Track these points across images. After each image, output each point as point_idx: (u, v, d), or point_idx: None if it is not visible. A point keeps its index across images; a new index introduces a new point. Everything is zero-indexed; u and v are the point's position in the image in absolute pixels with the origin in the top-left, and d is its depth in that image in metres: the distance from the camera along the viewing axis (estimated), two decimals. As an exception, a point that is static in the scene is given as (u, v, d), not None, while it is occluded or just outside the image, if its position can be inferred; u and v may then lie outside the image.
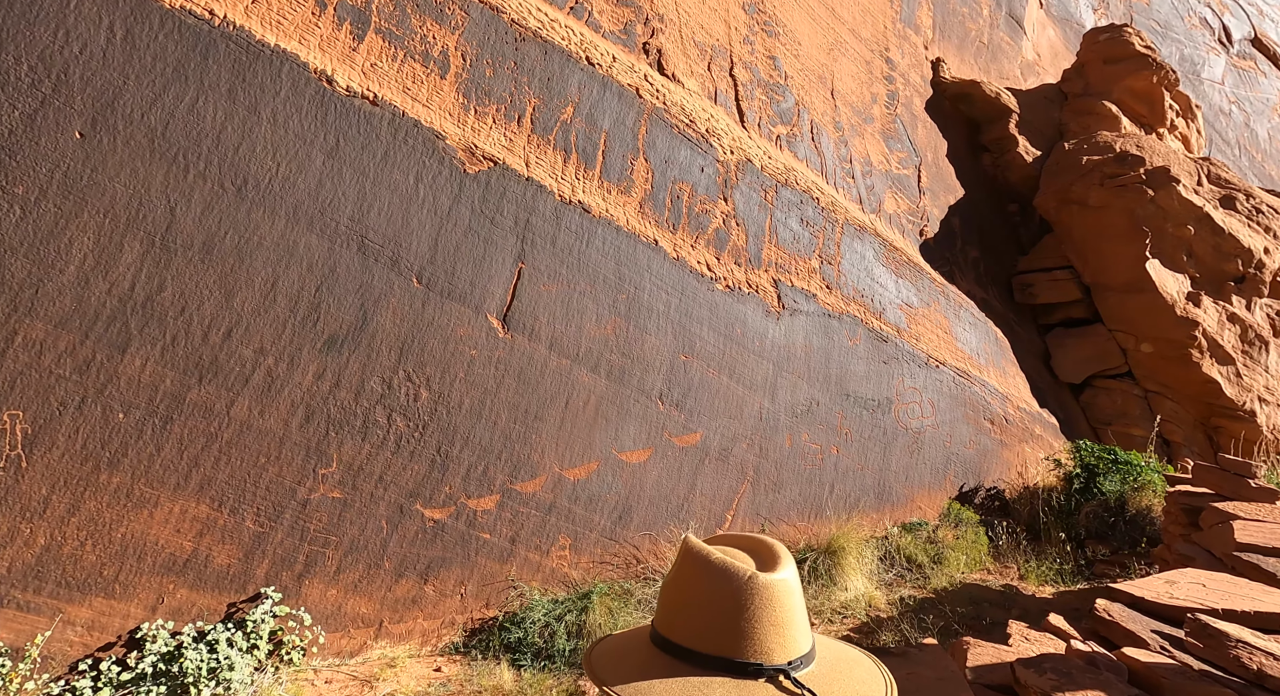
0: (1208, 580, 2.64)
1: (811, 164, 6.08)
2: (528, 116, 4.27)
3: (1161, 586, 2.59)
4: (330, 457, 3.34)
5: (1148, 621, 2.34)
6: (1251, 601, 2.40)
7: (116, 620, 2.88)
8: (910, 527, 5.01)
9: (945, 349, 6.06)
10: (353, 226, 3.54)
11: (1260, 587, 2.58)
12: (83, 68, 3.03)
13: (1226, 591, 2.50)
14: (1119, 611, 2.39)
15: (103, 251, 2.98)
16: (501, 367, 3.84)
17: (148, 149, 3.12)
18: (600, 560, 3.98)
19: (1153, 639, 2.19)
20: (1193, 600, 2.41)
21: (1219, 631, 2.03)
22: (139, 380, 2.98)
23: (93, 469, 2.87)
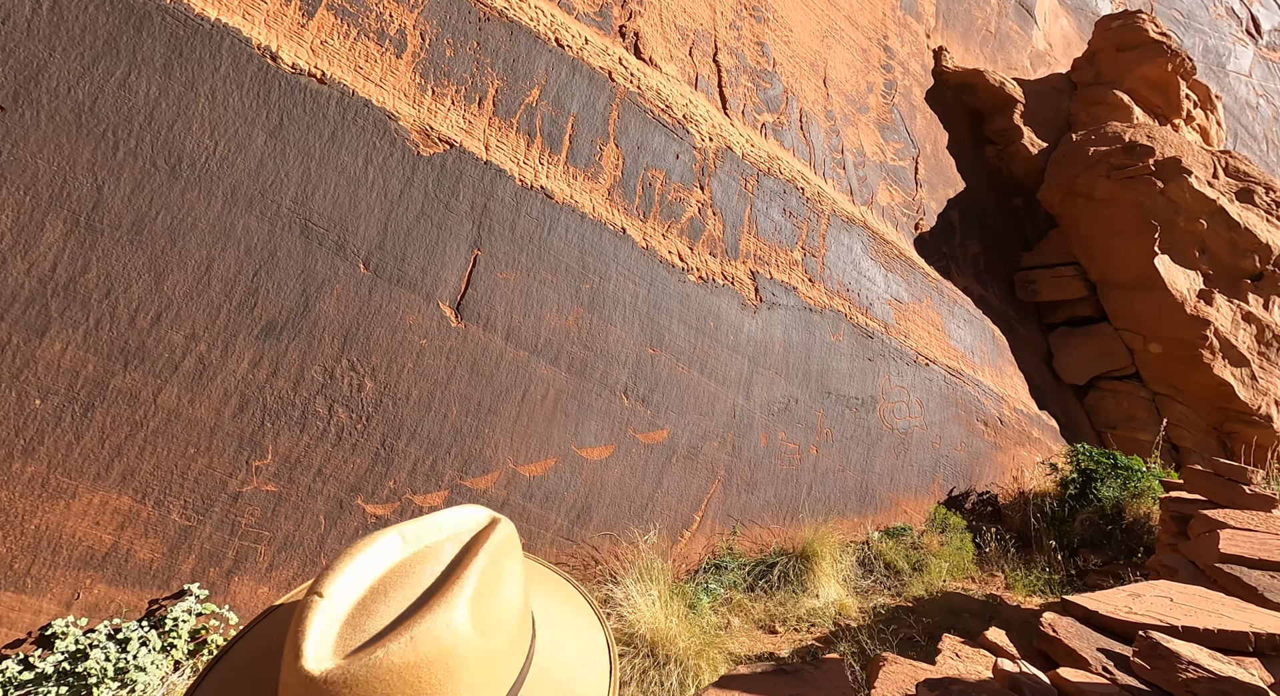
0: (1178, 594, 2.41)
1: (799, 153, 5.87)
2: (489, 98, 4.11)
3: (1123, 600, 2.36)
4: (265, 449, 3.20)
5: (1099, 638, 2.12)
6: (1219, 618, 2.17)
7: (27, 616, 2.76)
8: (893, 533, 4.78)
9: (936, 346, 5.82)
10: (296, 209, 3.40)
11: (1235, 603, 2.35)
12: (4, 38, 2.92)
13: (1195, 607, 2.27)
14: (1066, 627, 2.17)
15: (22, 230, 2.86)
16: (453, 358, 3.68)
17: (74, 124, 3.00)
18: (556, 560, 3.81)
19: (1096, 658, 1.98)
20: (1154, 616, 2.19)
21: (1170, 652, 1.82)
22: (59, 365, 2.86)
23: (4, 457, 2.75)
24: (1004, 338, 6.61)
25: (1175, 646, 1.88)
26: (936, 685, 1.60)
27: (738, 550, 4.38)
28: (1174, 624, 2.12)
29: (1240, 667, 1.88)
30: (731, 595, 3.93)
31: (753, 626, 3.69)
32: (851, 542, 4.71)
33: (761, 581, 4.05)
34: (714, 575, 4.07)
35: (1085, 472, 5.04)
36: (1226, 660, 1.91)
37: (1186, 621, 2.14)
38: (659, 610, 3.13)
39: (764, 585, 4.03)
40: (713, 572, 4.11)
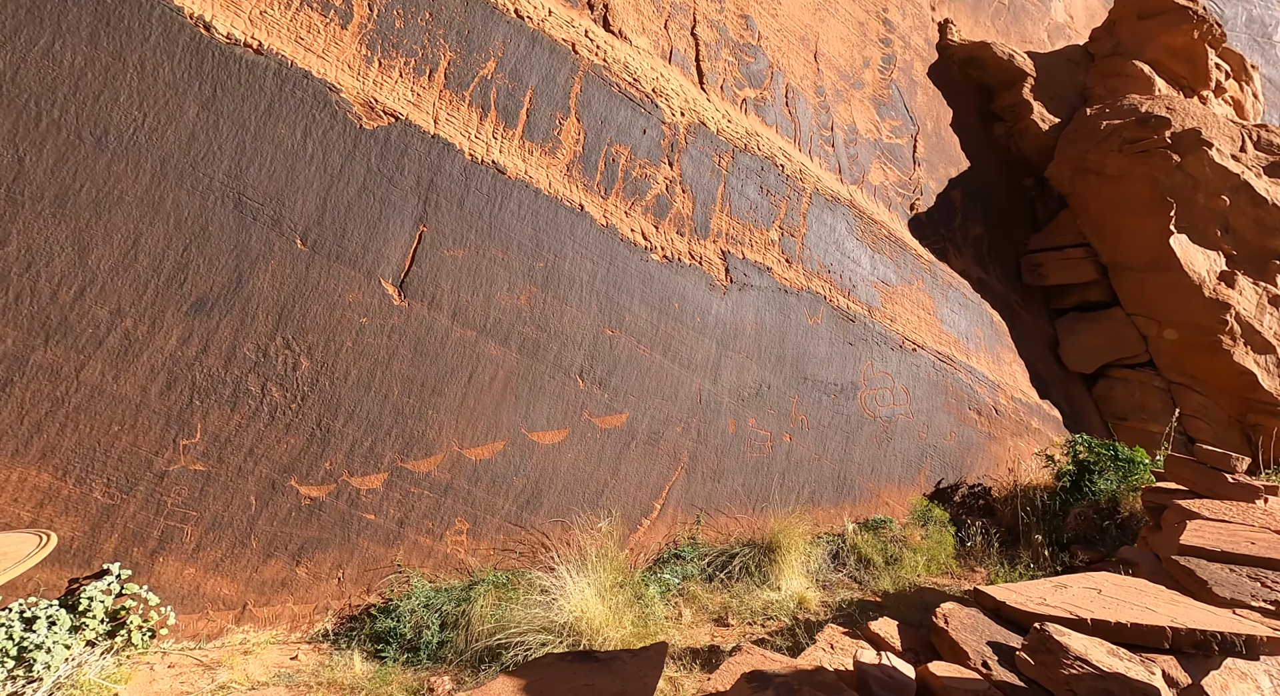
0: (1111, 586, 2.18)
1: (782, 130, 5.63)
2: (441, 71, 3.98)
3: (1045, 592, 2.14)
4: (194, 427, 3.13)
5: (999, 632, 1.92)
6: (1141, 612, 1.95)
7: (-57, 592, 2.73)
8: (872, 525, 4.56)
9: (926, 331, 5.54)
10: (229, 183, 3.32)
11: (1172, 597, 2.12)
12: (-73, 9, 2.88)
13: (1123, 600, 2.05)
14: (961, 619, 1.97)
15: (-59, 203, 2.82)
16: (396, 337, 3.57)
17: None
18: (503, 547, 3.69)
19: (979, 652, 1.78)
20: (1069, 608, 1.98)
21: (1059, 646, 1.62)
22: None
23: (-78, 432, 2.72)
24: (1004, 323, 6.29)
25: (1068, 640, 1.67)
26: (757, 676, 1.43)
27: (701, 540, 4.21)
28: (1085, 617, 1.91)
29: (1143, 665, 1.67)
30: (688, 586, 3.77)
31: (706, 618, 3.52)
32: (826, 534, 4.50)
33: (721, 572, 3.89)
34: (673, 565, 3.92)
35: (1082, 464, 4.74)
36: (1129, 657, 1.70)
37: (1103, 615, 1.93)
38: (593, 599, 2.99)
39: (723, 576, 3.86)
40: (672, 562, 3.95)
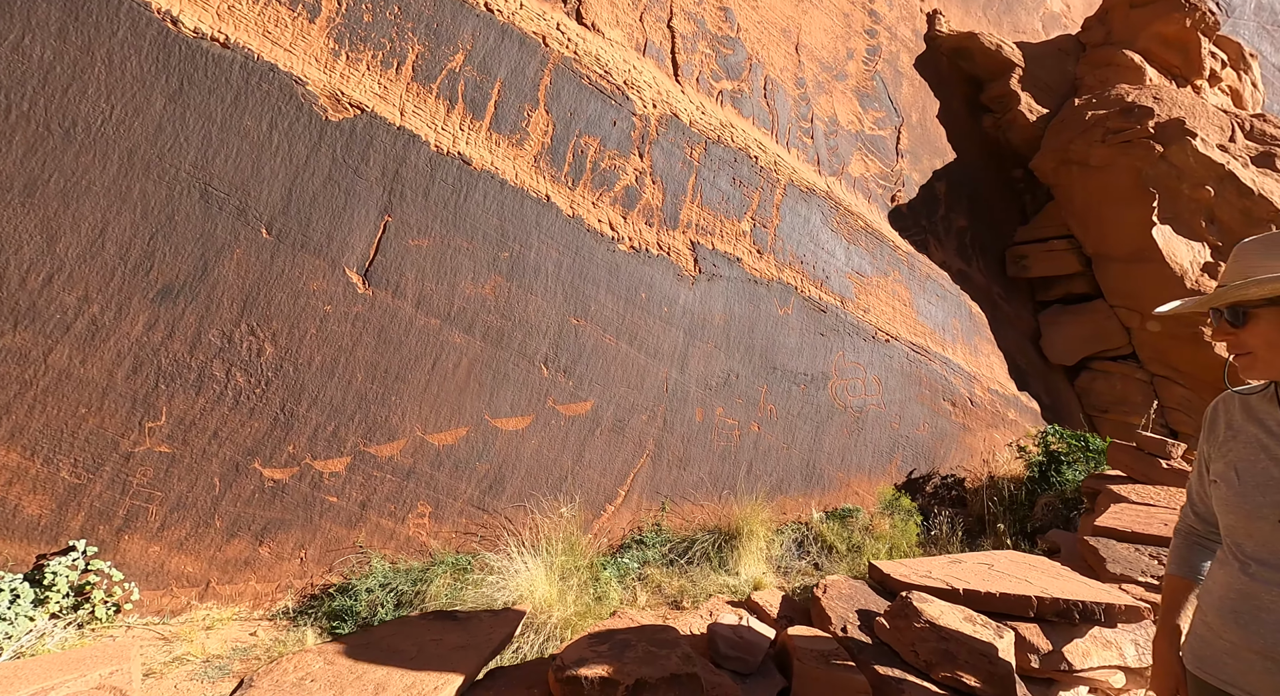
0: (1005, 562, 2.23)
1: (760, 121, 5.67)
2: (409, 64, 4.06)
3: (937, 566, 2.20)
4: (159, 411, 3.24)
5: (875, 601, 1.98)
6: (1018, 584, 2.00)
7: (-84, 565, 2.86)
8: (840, 514, 4.61)
9: (901, 322, 5.57)
10: (195, 173, 3.42)
11: (1061, 571, 2.17)
12: (-100, 5, 2.99)
13: (1008, 574, 2.10)
14: (839, 589, 2.03)
15: (-86, 192, 2.94)
16: (360, 324, 3.67)
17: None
18: (465, 530, 3.78)
19: (843, 618, 1.84)
20: (950, 579, 2.03)
21: (916, 611, 1.68)
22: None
23: (-105, 412, 2.85)
24: (983, 315, 6.30)
25: (927, 606, 1.73)
26: (601, 634, 1.49)
27: (666, 527, 4.29)
28: (960, 587, 1.96)
29: (995, 630, 1.73)
30: (648, 571, 3.84)
31: (661, 601, 3.60)
32: (793, 523, 4.56)
33: (682, 559, 3.96)
34: (635, 550, 4.00)
35: (1053, 455, 4.77)
36: (986, 623, 1.75)
37: (979, 586, 1.98)
38: (542, 581, 3.08)
39: (684, 562, 3.94)
40: (634, 548, 4.03)
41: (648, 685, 1.31)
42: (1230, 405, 1.35)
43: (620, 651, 1.41)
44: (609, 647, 1.43)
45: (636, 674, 1.33)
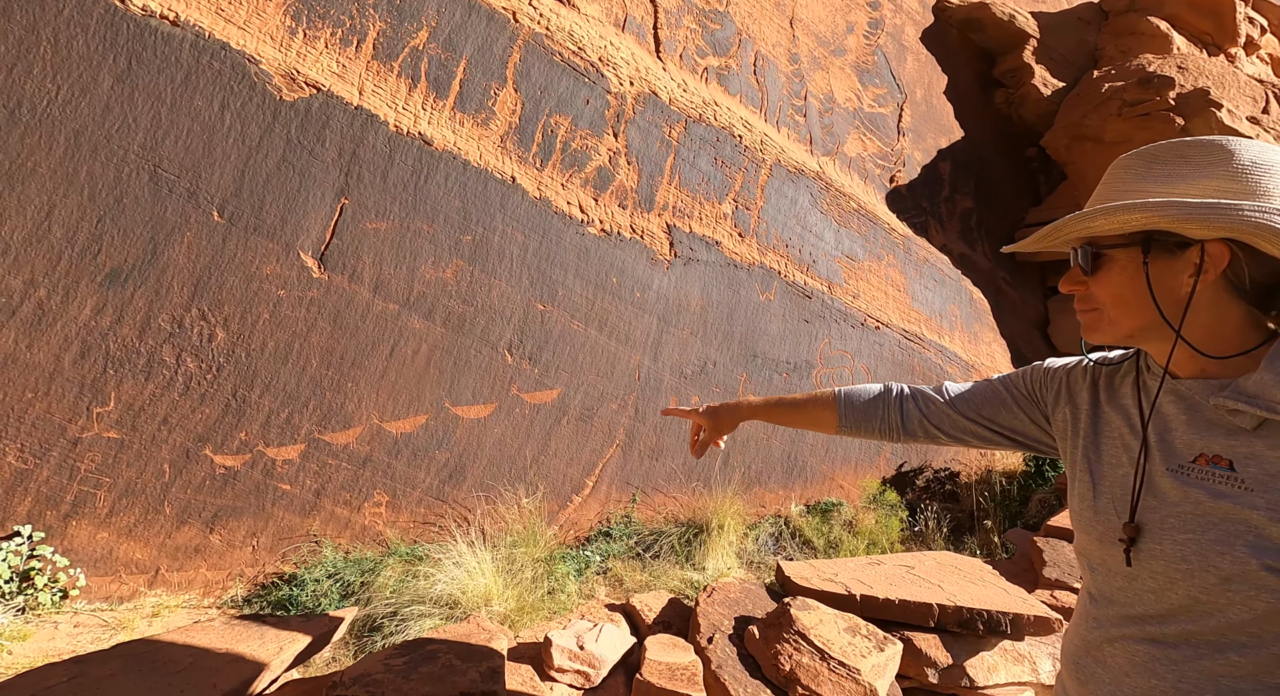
0: (930, 564, 2.09)
1: (748, 99, 5.51)
2: (369, 42, 3.99)
3: (849, 568, 2.07)
4: (108, 396, 3.25)
5: (767, 607, 1.85)
6: (927, 589, 1.86)
7: None
8: (821, 508, 4.49)
9: (894, 308, 5.39)
10: (144, 155, 3.40)
11: (984, 575, 2.02)
12: None
13: (925, 578, 1.96)
14: (730, 593, 1.92)
15: None
16: (314, 309, 3.63)
17: (-89, 70, 3.06)
18: (424, 520, 3.75)
19: (714, 627, 1.72)
20: (852, 584, 1.90)
21: (790, 619, 1.55)
22: (-106, 308, 2.96)
23: None
24: (985, 301, 6.07)
25: (805, 614, 1.61)
26: (409, 646, 1.39)
27: (637, 518, 4.21)
28: (858, 593, 1.83)
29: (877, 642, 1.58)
30: (612, 564, 3.77)
31: (623, 596, 3.53)
32: (772, 516, 4.45)
33: (648, 552, 3.88)
34: (600, 543, 3.93)
35: (1050, 448, 4.56)
36: (871, 634, 1.62)
37: (880, 592, 1.85)
38: (490, 574, 3.02)
39: (650, 556, 3.86)
40: (600, 540, 3.96)
41: None
42: (1093, 378, 1.04)
43: (416, 665, 1.32)
44: (408, 661, 1.34)
45: (419, 693, 1.24)
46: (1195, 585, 0.81)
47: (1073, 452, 1.02)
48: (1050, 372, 1.12)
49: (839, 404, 1.34)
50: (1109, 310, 0.90)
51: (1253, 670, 0.79)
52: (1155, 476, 0.88)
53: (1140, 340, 0.93)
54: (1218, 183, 0.82)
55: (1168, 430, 0.89)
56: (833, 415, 1.34)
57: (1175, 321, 0.85)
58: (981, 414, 1.19)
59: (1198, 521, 0.81)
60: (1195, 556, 0.81)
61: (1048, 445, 1.18)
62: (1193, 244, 0.82)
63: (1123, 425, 0.96)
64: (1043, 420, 1.13)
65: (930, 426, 1.25)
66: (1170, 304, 0.85)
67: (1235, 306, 0.84)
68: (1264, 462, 0.79)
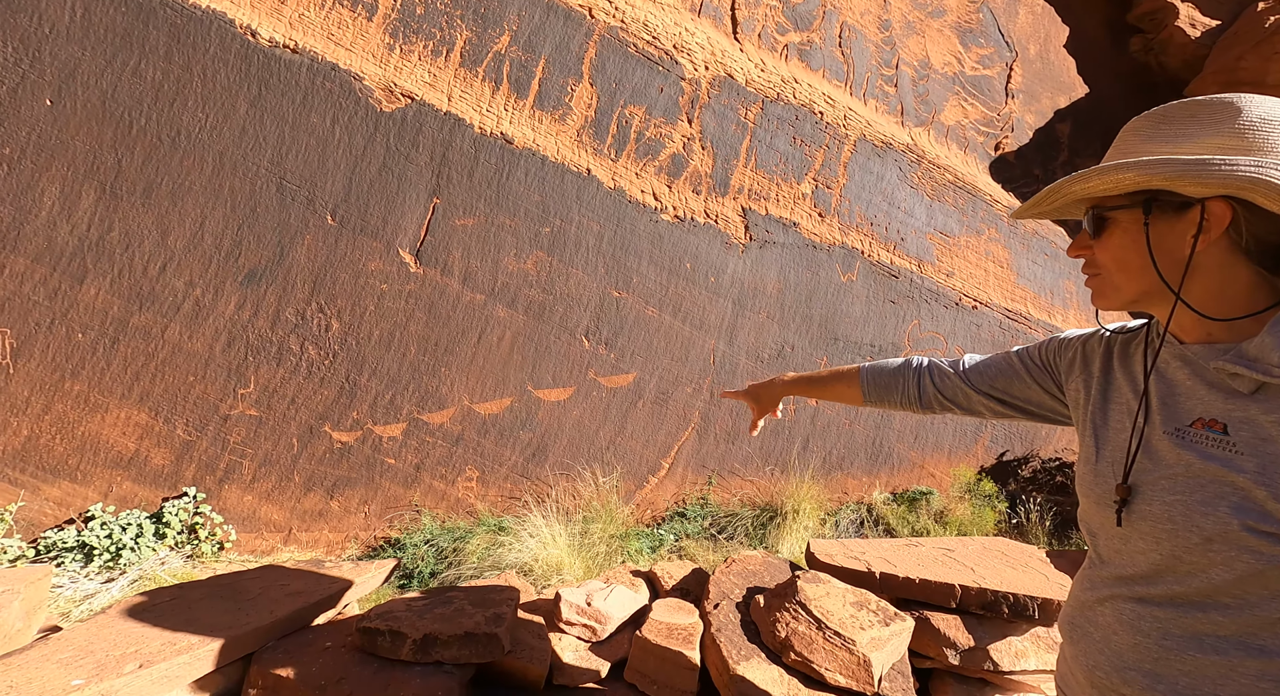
0: (973, 548, 1.96)
1: (831, 73, 5.38)
2: (457, 50, 4.36)
3: (883, 548, 1.99)
4: (249, 379, 3.85)
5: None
6: (956, 571, 1.76)
7: (78, 501, 3.67)
8: (908, 497, 4.38)
9: (995, 286, 5.08)
10: (272, 169, 3.96)
11: (1027, 561, 1.86)
12: (52, 45, 3.75)
13: (961, 562, 1.84)
14: (749, 566, 1.91)
15: (66, 198, 3.71)
16: (412, 301, 4.07)
17: (100, 110, 3.78)
18: (509, 495, 4.10)
19: (725, 594, 1.73)
20: (876, 562, 1.84)
21: (795, 590, 1.55)
22: (94, 306, 3.70)
23: (60, 377, 3.65)
24: (1110, 277, 5.54)
25: (812, 587, 1.60)
26: (432, 592, 1.54)
27: (712, 501, 4.34)
28: (878, 571, 1.78)
29: (886, 619, 1.54)
30: (686, 544, 3.94)
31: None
32: (854, 503, 4.41)
33: (722, 534, 4.00)
34: (674, 523, 4.10)
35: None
36: (881, 610, 1.58)
37: (901, 571, 1.78)
38: (563, 546, 3.29)
39: (724, 538, 3.98)
40: (675, 520, 4.13)
41: (438, 640, 1.42)
42: (1108, 347, 1.04)
43: (433, 607, 1.52)
44: (427, 603, 1.55)
45: (427, 629, 1.43)
46: (1179, 544, 0.82)
47: (1083, 419, 1.03)
48: (1066, 342, 1.14)
49: (862, 378, 1.42)
50: (1113, 275, 0.91)
51: (1235, 630, 0.79)
52: (1153, 439, 0.89)
53: (1146, 304, 0.92)
54: (1220, 139, 0.81)
55: (1171, 394, 0.90)
56: (856, 389, 1.42)
57: (1177, 284, 0.85)
58: (995, 386, 1.23)
59: (1186, 483, 0.83)
60: (1180, 516, 0.82)
61: (1061, 415, 1.20)
62: (1194, 204, 0.81)
63: (1129, 390, 0.97)
64: (1056, 390, 1.15)
65: (944, 399, 1.30)
66: (1172, 266, 0.85)
67: (1243, 268, 0.83)
68: (1256, 427, 0.78)
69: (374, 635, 1.46)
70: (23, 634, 1.43)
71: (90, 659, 1.27)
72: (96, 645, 1.32)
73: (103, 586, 3.27)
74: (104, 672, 1.22)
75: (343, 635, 1.52)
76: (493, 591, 1.68)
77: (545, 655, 1.58)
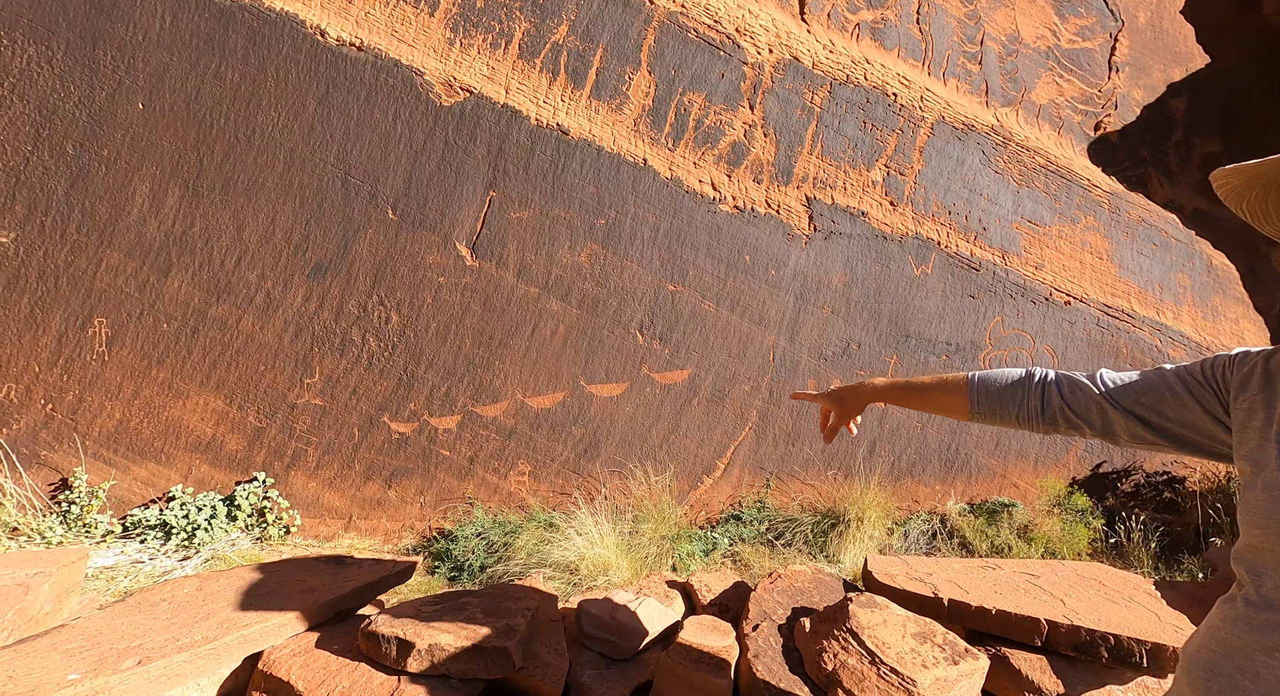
0: (1061, 574, 1.62)
1: (907, 52, 4.99)
2: (515, 42, 4.31)
3: (954, 570, 1.67)
4: (314, 369, 3.95)
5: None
6: (1042, 603, 1.42)
7: (162, 481, 3.87)
8: (987, 508, 3.99)
9: (1091, 279, 4.55)
10: (338, 165, 4.04)
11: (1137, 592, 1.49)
12: (144, 51, 3.97)
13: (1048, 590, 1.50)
14: (797, 582, 1.64)
15: (154, 196, 3.91)
16: (468, 294, 4.06)
17: (185, 112, 3.97)
18: (561, 490, 4.03)
19: (766, 614, 1.47)
20: (945, 587, 1.53)
21: (846, 615, 1.28)
22: (177, 298, 3.89)
23: (148, 365, 3.86)
24: (1232, 267, 4.86)
25: (866, 613, 1.34)
26: (446, 596, 1.39)
27: (770, 504, 4.10)
28: (943, 597, 1.48)
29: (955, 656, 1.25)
30: (740, 549, 3.73)
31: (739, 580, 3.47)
32: (925, 513, 4.06)
33: (780, 540, 3.76)
34: (729, 526, 3.90)
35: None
36: (949, 645, 1.28)
37: (975, 599, 1.47)
38: (611, 546, 3.16)
39: (781, 544, 3.74)
40: (730, 523, 3.94)
41: (444, 652, 1.29)
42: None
43: (443, 614, 1.39)
44: (439, 609, 1.42)
45: (434, 638, 1.30)
46: None
47: (1261, 442, 0.86)
48: (1239, 358, 0.96)
49: (971, 388, 1.20)
50: None
51: None
52: None
53: None
54: None
55: None
56: (963, 400, 1.21)
57: None
58: (1141, 401, 1.02)
59: None
60: None
61: (1217, 444, 0.99)
62: None
63: None
64: (1219, 409, 0.96)
65: (1073, 416, 1.09)
66: None
67: None
68: None
69: (379, 641, 1.37)
70: (51, 617, 1.44)
71: (94, 651, 1.25)
72: (104, 636, 1.30)
73: (179, 564, 3.41)
74: (102, 667, 1.19)
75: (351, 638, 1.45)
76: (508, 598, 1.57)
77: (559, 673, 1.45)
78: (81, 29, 3.84)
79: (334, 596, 1.54)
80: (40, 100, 3.79)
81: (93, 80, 3.83)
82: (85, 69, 3.82)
